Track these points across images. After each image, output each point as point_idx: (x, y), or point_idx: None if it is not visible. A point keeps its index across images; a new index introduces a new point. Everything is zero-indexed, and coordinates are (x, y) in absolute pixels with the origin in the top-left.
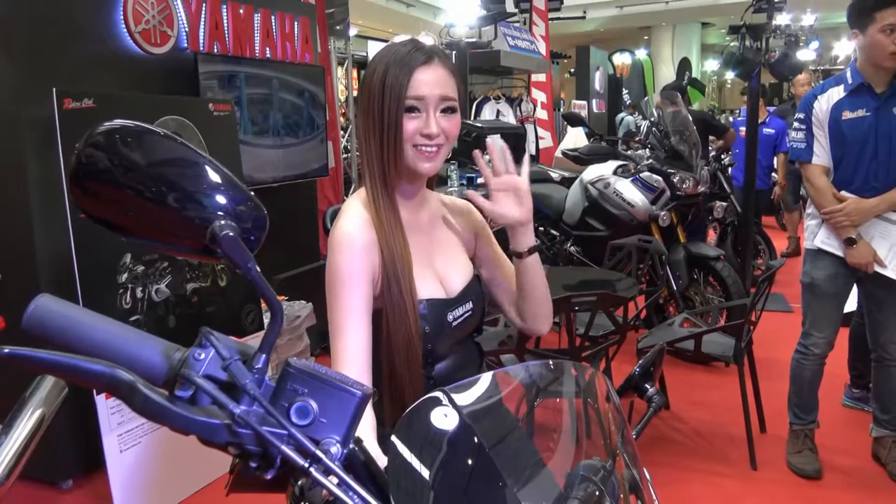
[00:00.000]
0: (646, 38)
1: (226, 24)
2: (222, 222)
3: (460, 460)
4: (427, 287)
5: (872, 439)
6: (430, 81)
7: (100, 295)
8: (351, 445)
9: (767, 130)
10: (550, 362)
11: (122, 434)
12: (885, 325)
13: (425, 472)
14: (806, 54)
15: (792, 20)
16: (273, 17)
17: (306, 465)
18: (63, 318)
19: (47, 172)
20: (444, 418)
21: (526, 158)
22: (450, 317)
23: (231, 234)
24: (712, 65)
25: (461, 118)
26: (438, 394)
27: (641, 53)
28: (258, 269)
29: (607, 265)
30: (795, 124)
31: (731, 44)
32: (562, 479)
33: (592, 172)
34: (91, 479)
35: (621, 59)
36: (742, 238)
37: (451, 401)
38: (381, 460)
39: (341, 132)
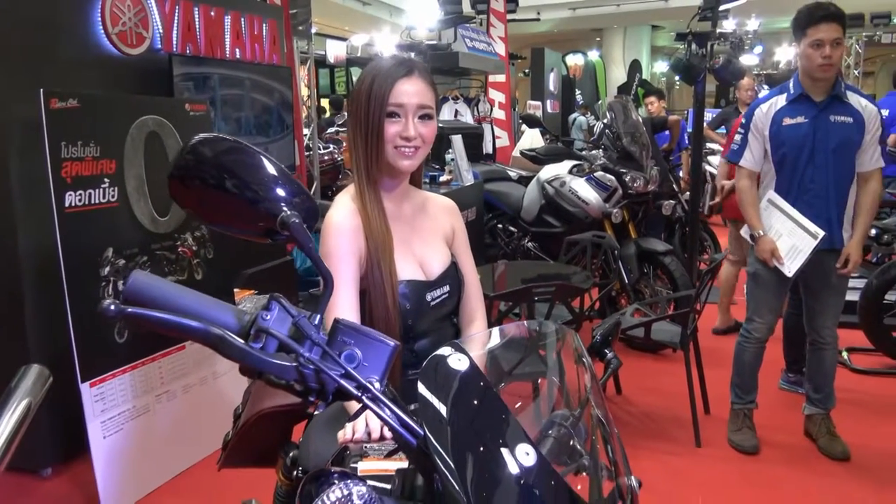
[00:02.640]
0: (598, 39)
1: (198, 26)
2: (289, 211)
3: (471, 393)
4: (407, 269)
5: (805, 417)
6: (410, 91)
7: (83, 287)
8: (386, 383)
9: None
10: (537, 322)
11: (105, 421)
12: (818, 312)
13: (445, 403)
14: (749, 59)
15: (737, 25)
16: (243, 20)
17: (360, 394)
18: (154, 288)
19: (32, 170)
20: (458, 362)
21: None
22: (428, 297)
23: (297, 220)
24: (662, 66)
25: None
26: (450, 346)
27: (594, 55)
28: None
29: (563, 259)
30: (740, 129)
31: (679, 50)
32: (540, 421)
33: (549, 172)
34: (70, 467)
35: (574, 61)
36: (690, 234)
37: (463, 350)
38: None
39: (305, 131)
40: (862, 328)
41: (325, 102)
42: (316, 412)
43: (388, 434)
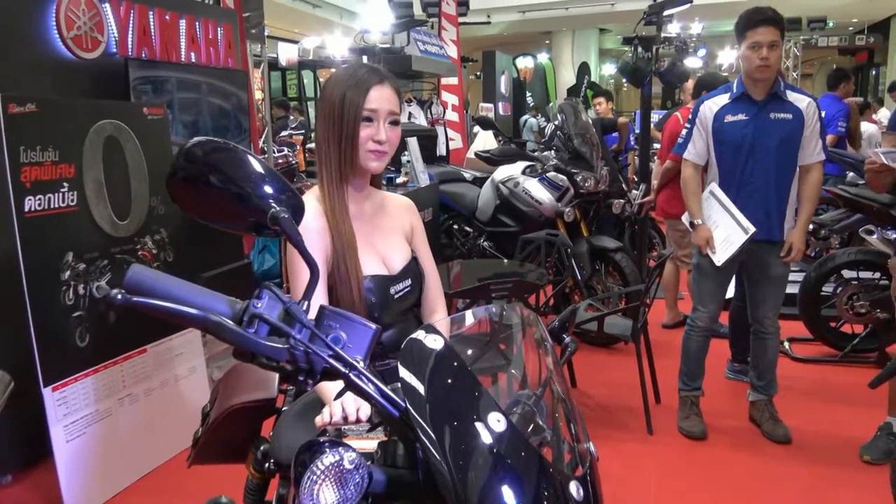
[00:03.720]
0: (547, 42)
1: (153, 30)
2: (278, 207)
3: (446, 369)
4: (371, 265)
5: (749, 403)
6: (382, 98)
7: (44, 291)
8: (368, 362)
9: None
10: (504, 304)
11: (67, 425)
12: (760, 303)
13: (423, 378)
14: (693, 62)
15: (681, 29)
16: (198, 23)
17: (346, 371)
18: (152, 279)
19: None
20: (434, 342)
21: None
22: (392, 290)
23: (286, 216)
24: (610, 69)
25: None
26: (425, 328)
27: (543, 57)
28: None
29: (518, 258)
30: (687, 123)
31: (626, 53)
32: (507, 397)
33: (503, 172)
34: (30, 473)
35: (524, 63)
36: (639, 232)
37: (437, 331)
38: None
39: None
40: (802, 319)
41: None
42: (285, 408)
43: (363, 416)
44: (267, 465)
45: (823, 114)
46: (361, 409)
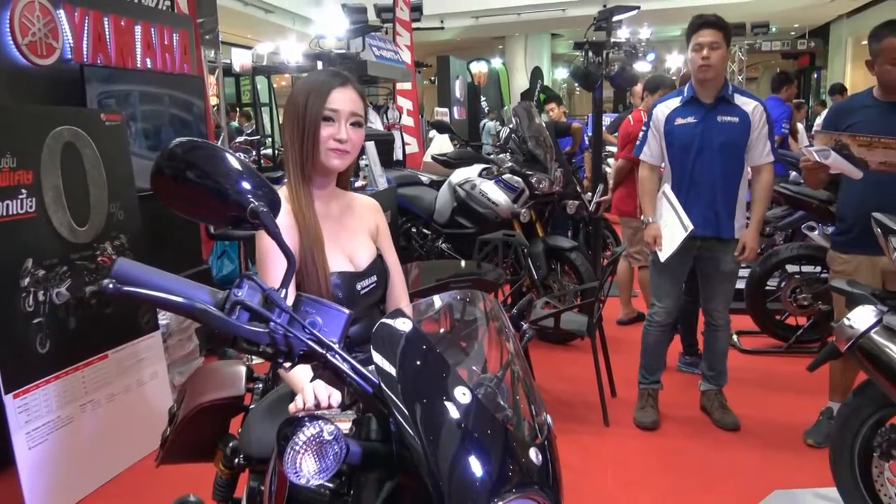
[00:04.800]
0: (500, 47)
1: (108, 36)
2: (257, 202)
3: (415, 349)
4: (337, 262)
5: (701, 393)
6: (344, 99)
7: (3, 298)
8: (343, 344)
9: None
10: (468, 291)
11: (30, 432)
12: (711, 297)
13: (395, 357)
14: (643, 66)
15: (630, 34)
16: (153, 30)
17: (324, 352)
18: (138, 271)
19: None
20: (403, 325)
21: None
22: (358, 286)
23: (265, 209)
24: (562, 73)
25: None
26: (395, 313)
27: (497, 62)
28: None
29: (476, 258)
30: (643, 126)
31: (578, 58)
32: (471, 378)
33: (460, 175)
34: None
35: (478, 68)
36: (593, 231)
37: (406, 315)
38: None
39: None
40: (749, 313)
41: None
42: (252, 405)
43: (334, 402)
44: (236, 460)
45: None
46: (333, 396)
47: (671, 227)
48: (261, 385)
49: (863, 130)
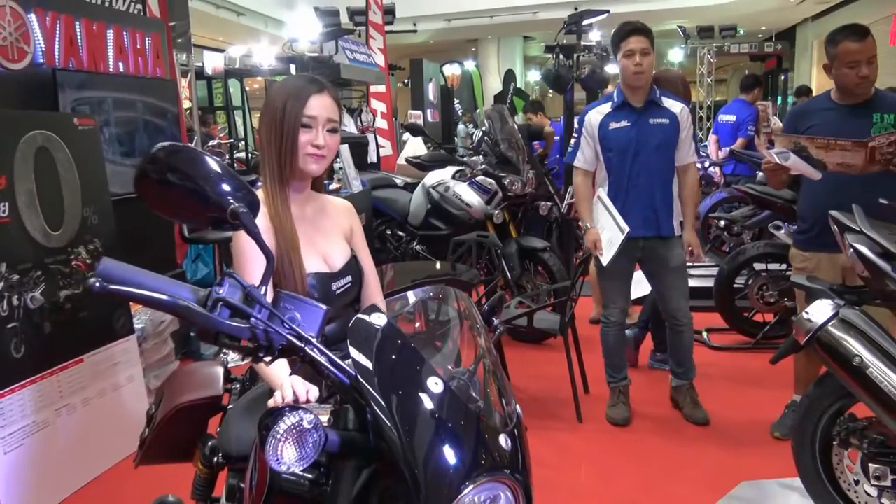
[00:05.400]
0: (473, 50)
1: (80, 40)
2: (237, 204)
3: (389, 342)
4: (313, 263)
5: (672, 388)
6: (321, 106)
7: None
8: (321, 338)
9: None
10: (441, 287)
11: (5, 437)
12: (668, 297)
13: (370, 350)
14: (614, 69)
15: (602, 37)
16: (125, 33)
17: (303, 345)
18: (122, 270)
19: None
20: (378, 319)
21: None
22: (334, 286)
23: (245, 210)
24: (535, 75)
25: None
26: (370, 309)
27: (470, 65)
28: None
29: (451, 259)
30: (575, 133)
31: (549, 61)
32: (445, 370)
33: (434, 177)
34: None
35: (451, 71)
36: (566, 232)
37: (381, 310)
38: None
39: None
40: (718, 310)
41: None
42: (230, 405)
43: (312, 398)
44: (215, 459)
45: (734, 118)
46: (311, 391)
47: (609, 230)
48: (238, 385)
49: (821, 133)
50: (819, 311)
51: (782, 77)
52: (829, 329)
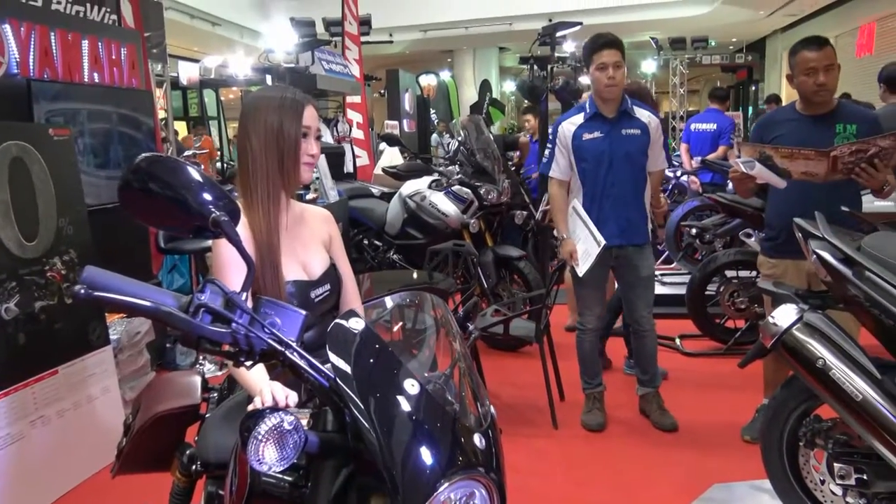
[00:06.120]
0: (449, 60)
1: (55, 51)
2: (218, 212)
3: (367, 346)
4: (292, 271)
5: (639, 397)
6: (312, 116)
7: None
8: (300, 343)
9: None
10: (417, 294)
11: None
12: (634, 303)
13: (349, 354)
14: (587, 79)
15: (576, 48)
16: (100, 44)
17: (283, 350)
18: (106, 277)
19: None
20: (356, 324)
21: None
22: (312, 294)
23: (226, 219)
24: (510, 86)
25: None
26: (348, 314)
27: (446, 75)
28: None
29: (427, 268)
30: (548, 143)
31: (524, 72)
32: (421, 374)
33: (410, 187)
34: None
35: (427, 81)
36: (541, 240)
37: (359, 315)
38: None
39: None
40: (690, 317)
41: (178, 126)
42: (208, 414)
43: (292, 403)
44: (193, 467)
45: (715, 126)
46: (290, 396)
47: (585, 241)
48: (216, 394)
49: (786, 142)
50: (784, 316)
51: (753, 88)
52: (793, 333)
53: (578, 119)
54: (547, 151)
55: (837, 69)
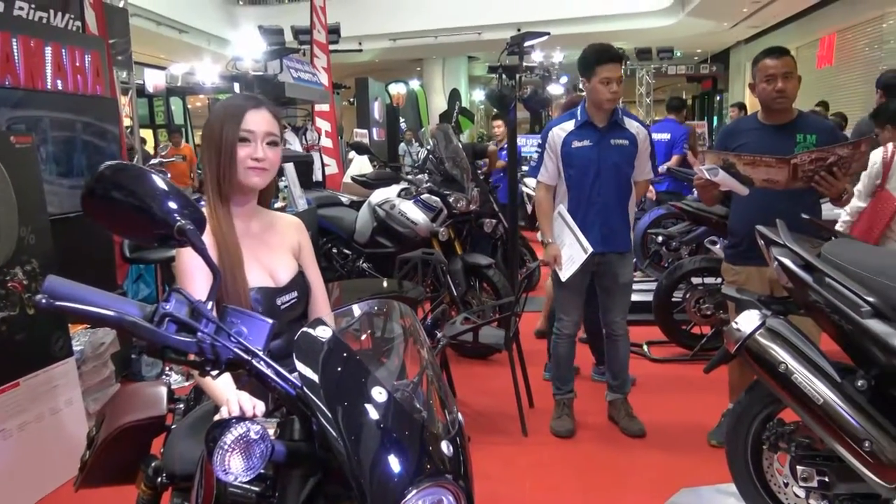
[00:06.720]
0: (418, 69)
1: (17, 57)
2: (183, 221)
3: (335, 354)
4: (257, 278)
5: (608, 403)
6: (259, 120)
7: None
8: (267, 352)
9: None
10: (386, 302)
11: None
12: (610, 308)
13: (316, 362)
14: (556, 89)
15: (544, 58)
16: (64, 51)
17: (250, 358)
18: (69, 287)
19: None
20: (323, 332)
21: None
22: (278, 301)
23: (191, 227)
24: (480, 95)
25: None
26: (315, 322)
27: (415, 84)
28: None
29: (397, 276)
30: (538, 147)
31: (493, 81)
32: (389, 382)
33: (379, 196)
34: None
35: (397, 90)
36: (510, 248)
37: (326, 323)
38: None
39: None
40: (657, 323)
41: (144, 132)
42: (174, 425)
43: (259, 412)
44: (159, 480)
45: (668, 136)
46: (257, 406)
47: (570, 247)
48: (182, 405)
49: (749, 151)
50: (747, 321)
51: (717, 98)
52: (756, 338)
53: (569, 126)
54: (535, 155)
55: (797, 79)
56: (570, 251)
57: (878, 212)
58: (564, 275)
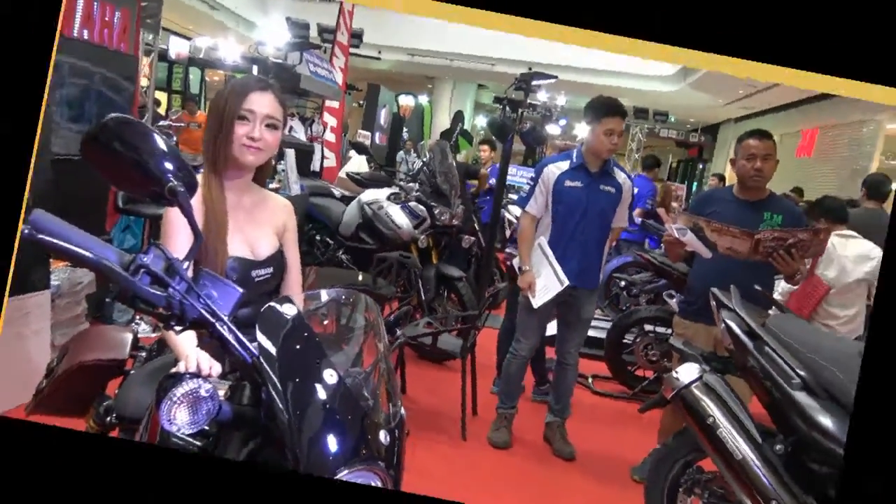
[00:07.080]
0: (429, 86)
1: None
2: (175, 182)
3: (295, 331)
4: (237, 248)
5: (545, 424)
6: (261, 102)
7: None
8: (231, 318)
9: None
10: (354, 293)
11: None
12: (567, 339)
13: (277, 336)
14: (553, 129)
15: (549, 98)
16: (95, 4)
17: (214, 321)
18: (54, 223)
19: None
20: (288, 308)
21: None
22: (253, 273)
23: (182, 189)
24: (482, 121)
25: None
26: (282, 299)
27: (424, 99)
28: None
29: (372, 272)
30: (530, 180)
31: (496, 111)
32: (343, 367)
33: (370, 195)
34: None
35: (406, 101)
36: (483, 266)
37: (292, 301)
38: None
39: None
40: (605, 360)
41: (159, 95)
42: (133, 371)
43: (215, 373)
44: (109, 419)
45: (637, 190)
46: (214, 367)
47: (546, 278)
48: (144, 354)
49: (718, 219)
50: (687, 373)
51: (700, 166)
52: (692, 389)
53: (564, 165)
54: (528, 187)
55: (775, 162)
56: (546, 281)
57: (807, 295)
58: (537, 302)
